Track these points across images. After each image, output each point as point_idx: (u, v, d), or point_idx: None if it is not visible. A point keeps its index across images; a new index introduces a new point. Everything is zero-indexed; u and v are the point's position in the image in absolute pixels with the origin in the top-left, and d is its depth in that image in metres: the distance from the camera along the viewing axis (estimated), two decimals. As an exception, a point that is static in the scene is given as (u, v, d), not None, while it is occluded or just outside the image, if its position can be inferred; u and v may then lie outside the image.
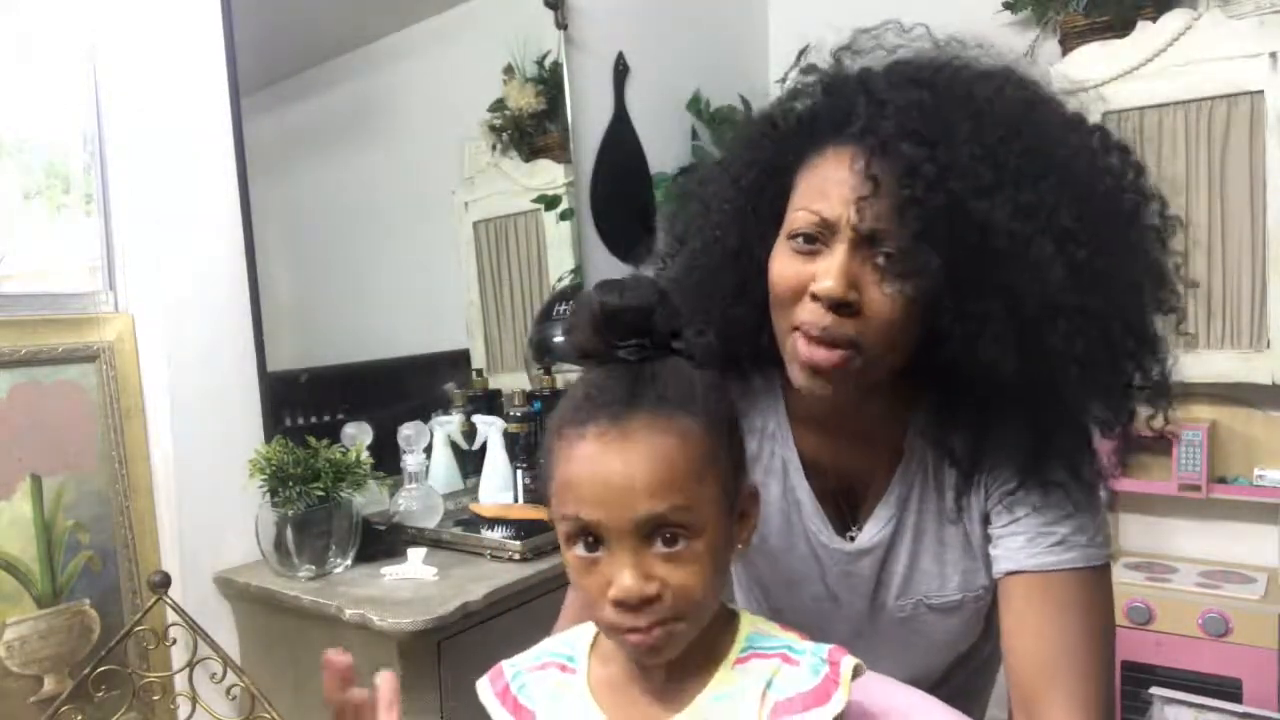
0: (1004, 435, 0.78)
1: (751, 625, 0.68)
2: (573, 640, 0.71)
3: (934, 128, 0.70)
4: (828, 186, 0.73)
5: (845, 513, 0.88)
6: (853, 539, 0.87)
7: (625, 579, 0.59)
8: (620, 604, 0.60)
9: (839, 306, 0.71)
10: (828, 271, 0.71)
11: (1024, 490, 0.79)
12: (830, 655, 0.63)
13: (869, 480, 0.87)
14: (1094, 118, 0.79)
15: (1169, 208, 0.79)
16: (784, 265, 0.76)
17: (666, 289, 0.65)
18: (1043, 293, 0.68)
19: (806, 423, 0.89)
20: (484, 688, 0.71)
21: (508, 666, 0.72)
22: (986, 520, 0.82)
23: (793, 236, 0.75)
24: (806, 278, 0.73)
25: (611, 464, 0.60)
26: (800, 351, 0.74)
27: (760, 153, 0.82)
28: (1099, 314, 0.70)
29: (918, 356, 0.76)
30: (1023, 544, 0.77)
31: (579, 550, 0.62)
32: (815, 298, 0.72)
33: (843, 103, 0.77)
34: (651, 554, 0.60)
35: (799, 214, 0.75)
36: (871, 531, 0.86)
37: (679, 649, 0.62)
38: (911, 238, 0.69)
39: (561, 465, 0.62)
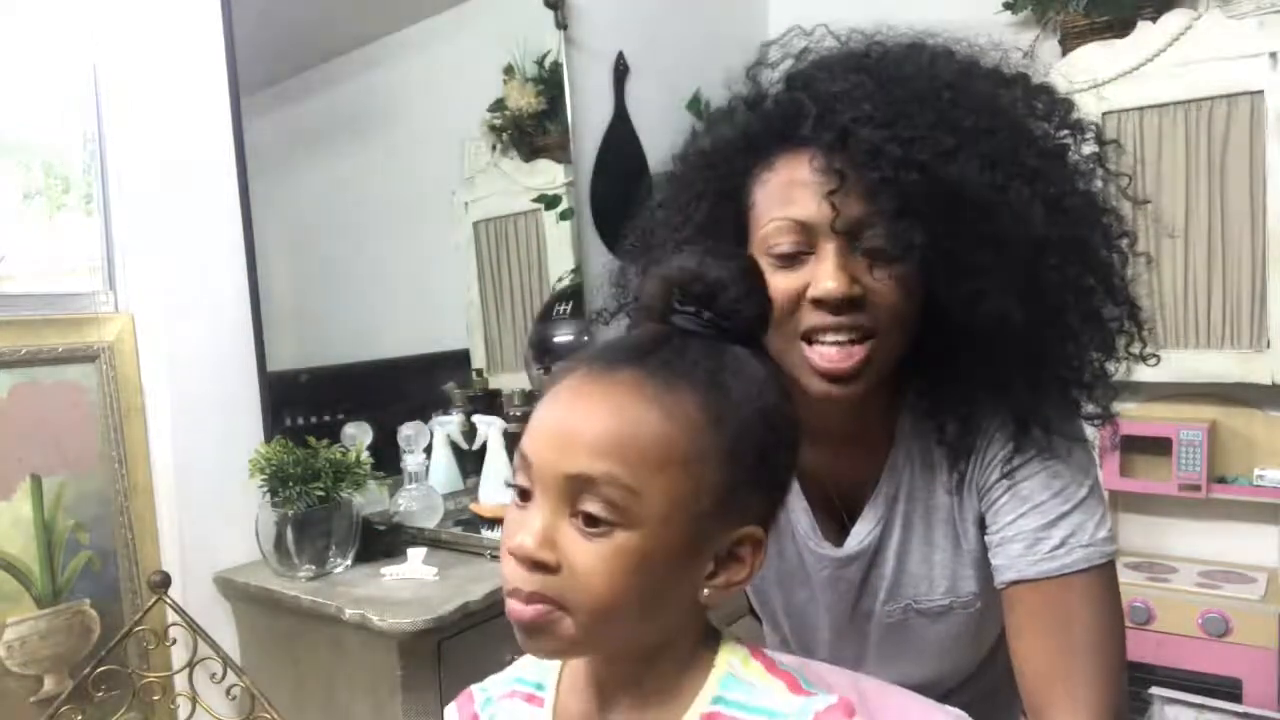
0: (992, 408, 0.78)
1: (728, 665, 0.57)
2: (545, 665, 0.65)
3: (884, 108, 0.70)
4: (792, 192, 0.73)
5: (844, 520, 0.87)
6: (847, 539, 0.86)
7: (526, 531, 0.52)
8: (513, 554, 0.53)
9: (846, 304, 0.71)
10: (826, 273, 0.71)
11: (1019, 456, 0.77)
12: None
13: (862, 486, 0.86)
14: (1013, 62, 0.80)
15: (1105, 133, 0.80)
16: (770, 283, 0.73)
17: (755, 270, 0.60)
18: (1029, 233, 0.69)
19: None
20: (451, 716, 0.67)
21: (478, 692, 0.67)
22: (982, 525, 0.81)
23: (771, 251, 0.74)
24: (799, 287, 0.73)
25: (569, 410, 0.53)
26: (816, 361, 0.73)
27: (704, 184, 0.80)
28: (1080, 241, 0.72)
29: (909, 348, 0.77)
30: (1021, 550, 0.76)
31: (514, 497, 0.55)
32: (819, 303, 0.72)
33: (782, 109, 0.77)
34: (570, 524, 0.52)
35: (771, 226, 0.74)
36: (860, 535, 0.85)
37: (562, 646, 0.54)
38: (892, 219, 0.69)
39: (537, 408, 0.56)
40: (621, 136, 2.27)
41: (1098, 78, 2.04)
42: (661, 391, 0.52)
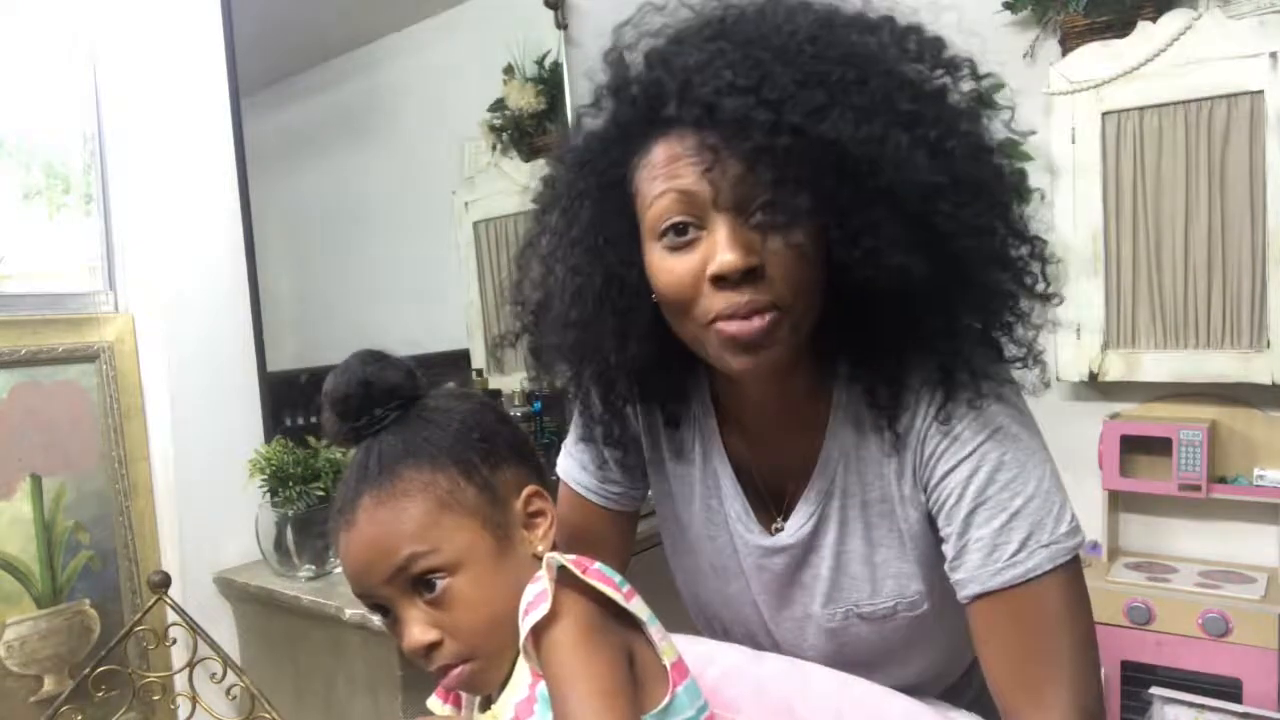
0: (918, 362, 0.75)
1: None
2: None
3: (746, 73, 0.66)
4: (673, 167, 0.69)
5: (773, 510, 0.85)
6: (778, 530, 0.83)
7: (406, 639, 0.65)
8: (414, 655, 0.65)
9: (746, 277, 0.67)
10: (721, 246, 0.67)
11: (953, 404, 0.74)
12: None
13: (796, 479, 0.83)
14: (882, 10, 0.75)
15: (979, 67, 0.74)
16: (666, 267, 0.70)
17: (391, 357, 0.72)
18: (916, 180, 0.65)
19: (732, 424, 0.85)
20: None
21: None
22: (930, 522, 0.78)
23: (663, 234, 0.70)
24: (697, 268, 0.69)
25: (352, 557, 0.66)
26: (726, 331, 0.69)
27: (584, 181, 0.76)
28: (972, 180, 0.68)
29: (827, 322, 0.74)
30: (980, 561, 0.71)
31: (382, 623, 0.68)
32: (719, 280, 0.68)
33: (645, 91, 0.72)
34: (423, 605, 0.65)
35: (657, 204, 0.70)
36: (791, 529, 0.82)
37: (492, 679, 0.66)
38: (774, 187, 0.66)
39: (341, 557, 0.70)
40: (621, 136, 2.27)
41: (1098, 78, 2.04)
42: (389, 489, 0.65)
